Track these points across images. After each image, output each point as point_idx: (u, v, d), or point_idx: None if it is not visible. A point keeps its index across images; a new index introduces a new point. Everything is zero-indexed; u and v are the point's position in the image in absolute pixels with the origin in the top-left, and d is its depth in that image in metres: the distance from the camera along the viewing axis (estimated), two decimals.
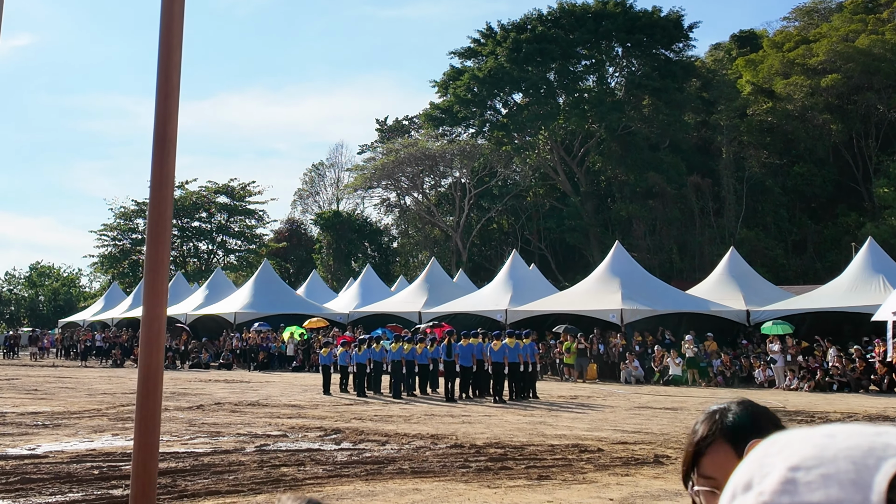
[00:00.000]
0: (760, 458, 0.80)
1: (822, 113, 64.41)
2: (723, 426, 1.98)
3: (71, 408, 23.28)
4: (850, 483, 0.70)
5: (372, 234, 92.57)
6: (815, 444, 0.75)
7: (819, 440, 0.76)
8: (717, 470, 1.92)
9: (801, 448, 0.76)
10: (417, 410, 24.35)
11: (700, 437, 2.00)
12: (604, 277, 42.68)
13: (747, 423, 1.98)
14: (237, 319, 52.12)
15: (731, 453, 1.93)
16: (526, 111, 74.77)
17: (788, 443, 0.78)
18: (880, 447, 0.72)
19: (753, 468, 0.79)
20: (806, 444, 0.76)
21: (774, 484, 0.75)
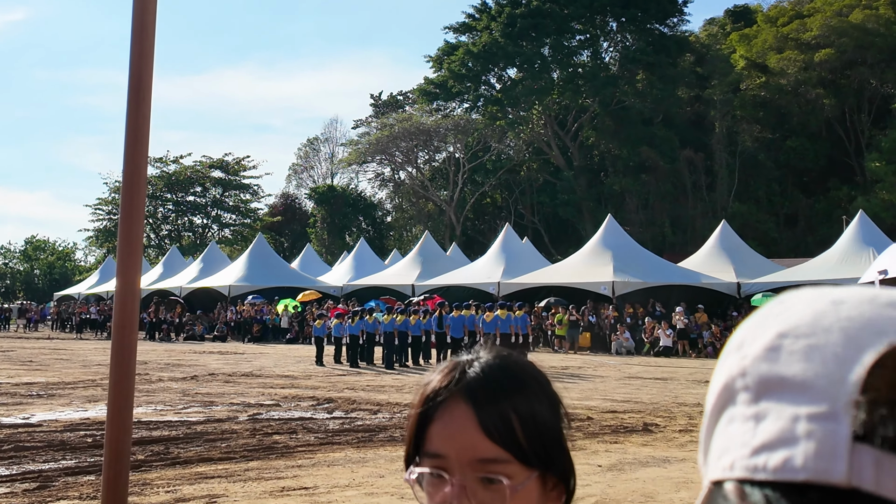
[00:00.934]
0: (762, 319, 0.75)
1: (815, 87, 64.46)
2: (465, 381, 1.40)
3: (65, 378, 23.42)
4: (833, 358, 0.66)
5: (366, 209, 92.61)
6: (817, 311, 0.70)
7: (824, 306, 0.70)
8: (448, 444, 1.38)
9: (801, 313, 0.71)
10: (409, 381, 24.55)
11: (431, 392, 1.42)
12: (596, 250, 42.87)
13: (500, 378, 1.40)
14: (231, 292, 52.26)
15: (470, 420, 1.37)
16: (520, 86, 74.71)
17: (794, 304, 0.73)
18: (882, 322, 0.66)
19: (751, 327, 0.75)
20: (809, 308, 0.71)
21: (759, 349, 0.71)
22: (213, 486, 10.18)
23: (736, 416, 0.73)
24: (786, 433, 0.67)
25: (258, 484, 10.35)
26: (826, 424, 0.64)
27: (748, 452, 0.69)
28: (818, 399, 0.66)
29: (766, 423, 0.69)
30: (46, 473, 10.78)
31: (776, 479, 0.66)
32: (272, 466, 11.44)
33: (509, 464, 1.37)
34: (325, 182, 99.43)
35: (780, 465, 0.66)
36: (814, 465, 0.64)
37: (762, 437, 0.68)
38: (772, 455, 0.67)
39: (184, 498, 9.58)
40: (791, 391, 0.68)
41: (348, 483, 10.43)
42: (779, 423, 0.68)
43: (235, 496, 9.72)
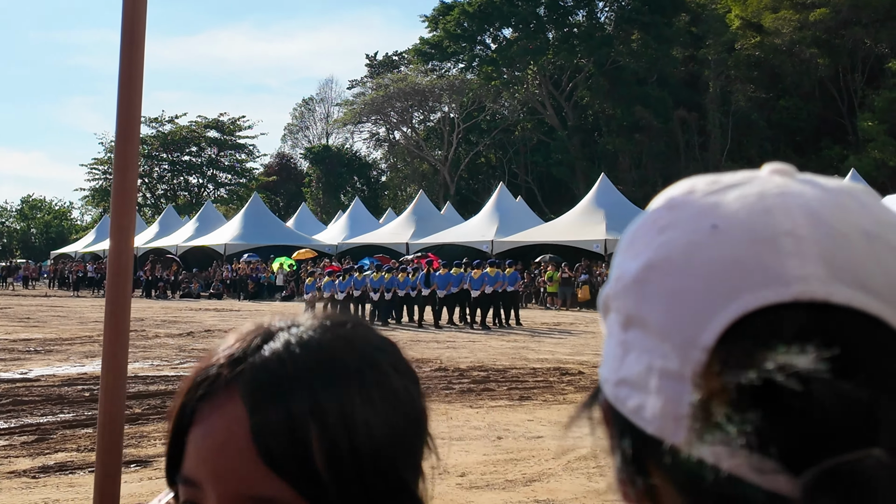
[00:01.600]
0: (648, 228, 0.73)
1: (809, 47, 64.26)
2: (246, 365, 0.90)
3: (63, 335, 23.60)
4: (690, 312, 0.65)
5: (361, 168, 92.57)
6: (693, 241, 0.68)
7: (701, 235, 0.67)
8: (203, 468, 0.88)
9: (677, 240, 0.69)
10: (403, 336, 24.74)
11: (200, 375, 0.92)
12: (589, 209, 43.05)
13: (303, 365, 0.89)
14: (227, 251, 52.44)
15: (241, 432, 0.86)
16: (515, 46, 74.43)
17: (676, 221, 0.71)
18: (749, 268, 0.64)
19: (637, 235, 0.74)
20: (687, 234, 0.68)
21: (630, 278, 0.71)
22: None
23: (612, 333, 0.73)
24: (642, 379, 0.67)
25: None
26: (674, 385, 0.64)
27: (615, 380, 0.70)
28: (670, 355, 0.65)
29: (630, 358, 0.69)
30: (44, 426, 10.96)
31: (630, 419, 0.68)
32: None
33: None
34: (320, 142, 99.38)
35: (635, 409, 0.67)
36: (660, 423, 0.65)
37: (625, 372, 0.69)
38: (630, 395, 0.68)
39: None
40: (651, 335, 0.67)
41: None
42: (638, 365, 0.68)
43: None
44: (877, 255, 0.64)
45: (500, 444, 10.24)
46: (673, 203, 0.73)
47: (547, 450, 9.89)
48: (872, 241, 0.65)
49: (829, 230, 0.65)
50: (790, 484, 0.58)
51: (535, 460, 9.41)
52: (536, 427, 11.24)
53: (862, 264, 0.63)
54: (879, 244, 0.65)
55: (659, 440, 0.65)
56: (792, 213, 0.66)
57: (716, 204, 0.69)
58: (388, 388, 0.93)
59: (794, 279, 0.62)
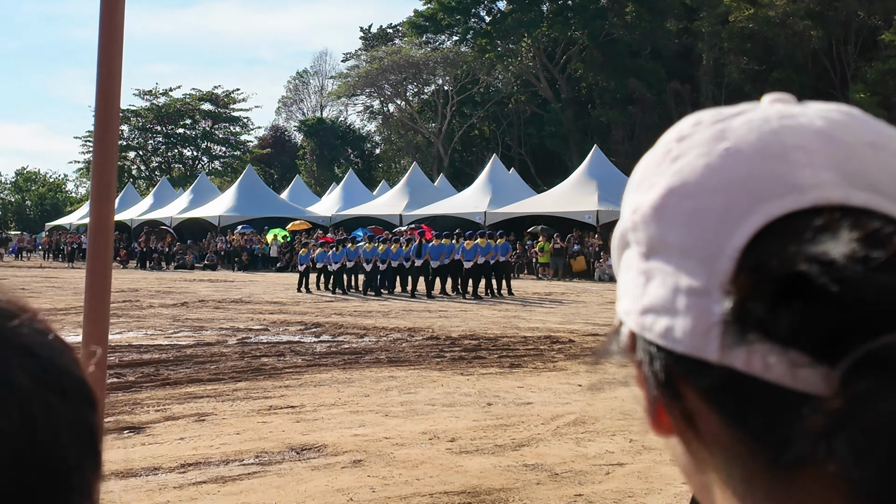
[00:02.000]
0: (661, 158, 0.75)
1: (802, 19, 64.22)
2: None
3: (57, 305, 23.71)
4: (712, 227, 0.67)
5: (355, 141, 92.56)
6: (708, 165, 0.69)
7: (716, 158, 0.69)
8: None
9: (693, 165, 0.70)
10: (396, 306, 24.95)
11: None
12: (581, 180, 43.18)
13: None
14: (221, 222, 52.53)
15: None
16: (509, 18, 74.30)
17: (690, 149, 0.72)
18: (767, 183, 0.66)
19: (650, 167, 0.76)
20: (701, 159, 0.70)
21: (649, 206, 0.72)
22: (202, 405, 10.54)
23: (632, 264, 0.74)
24: (668, 302, 0.68)
25: (246, 403, 10.72)
26: (701, 301, 0.65)
27: (639, 309, 0.71)
28: (696, 272, 0.66)
29: (653, 285, 0.70)
30: None
31: (659, 343, 0.68)
32: (260, 387, 11.80)
33: None
34: (314, 115, 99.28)
35: (663, 332, 0.67)
36: (690, 340, 0.65)
37: (650, 299, 0.70)
38: (657, 320, 0.68)
39: (173, 416, 9.93)
40: (674, 257, 0.68)
41: (334, 402, 10.80)
42: (663, 289, 0.68)
43: (223, 414, 10.08)
44: (883, 161, 0.67)
45: (489, 410, 10.40)
46: (682, 134, 0.74)
47: (537, 416, 10.05)
48: (877, 150, 0.67)
49: (837, 142, 0.67)
50: (827, 378, 0.59)
51: (525, 426, 9.56)
52: (526, 394, 11.39)
53: (870, 171, 0.66)
54: (884, 153, 0.68)
55: (691, 358, 0.65)
56: (799, 130, 0.68)
57: (724, 129, 0.71)
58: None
59: (811, 186, 0.64)
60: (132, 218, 61.67)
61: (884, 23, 60.87)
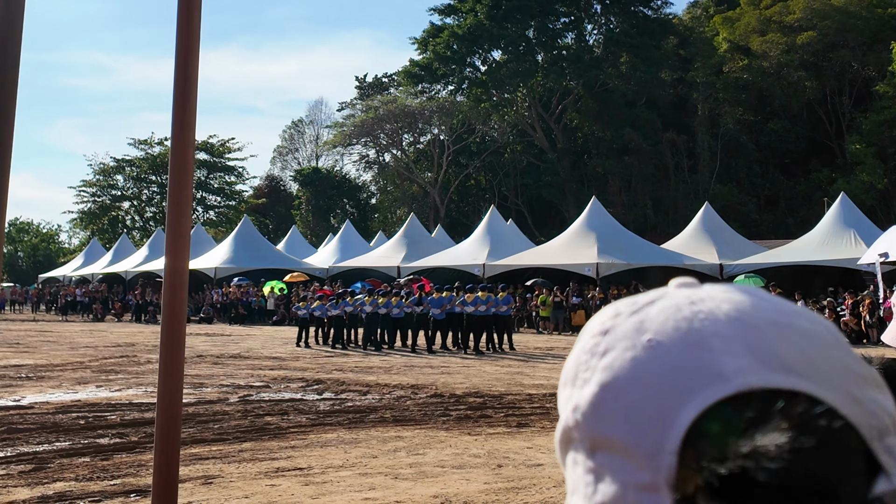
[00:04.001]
0: (588, 353, 0.76)
1: (797, 70, 64.68)
2: None
3: (54, 360, 23.50)
4: (650, 422, 0.68)
5: (351, 191, 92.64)
6: (635, 358, 0.71)
7: (641, 351, 0.71)
8: None
9: (621, 359, 0.72)
10: (397, 362, 24.73)
11: None
12: (580, 232, 43.12)
13: None
14: (217, 274, 52.31)
15: None
16: (505, 68, 74.76)
17: (615, 343, 0.74)
18: (693, 372, 0.68)
19: (581, 363, 0.76)
20: (628, 353, 0.72)
21: (587, 403, 0.73)
22: (209, 467, 10.33)
23: (578, 461, 0.74)
24: (619, 499, 0.68)
25: (252, 465, 10.51)
26: (651, 497, 0.66)
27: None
28: (641, 469, 0.67)
29: (603, 484, 0.70)
30: (41, 455, 10.89)
31: None
32: (265, 447, 11.59)
33: None
34: (309, 164, 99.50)
35: None
36: None
37: (600, 497, 0.70)
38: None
39: (180, 479, 9.69)
40: (618, 454, 0.69)
41: (342, 463, 10.60)
42: (613, 487, 0.69)
43: (231, 476, 9.87)
44: (788, 339, 0.70)
45: (500, 472, 10.21)
46: (605, 327, 0.76)
47: (548, 478, 9.86)
48: (781, 329, 0.71)
49: (746, 325, 0.70)
50: None
51: (537, 488, 9.37)
52: (536, 454, 11.20)
53: (780, 351, 0.69)
54: (788, 331, 0.71)
55: None
56: (710, 316, 0.71)
57: (643, 320, 0.73)
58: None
59: (733, 373, 0.67)
60: (127, 270, 61.45)
61: (878, 74, 61.29)
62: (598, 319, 0.79)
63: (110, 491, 9.17)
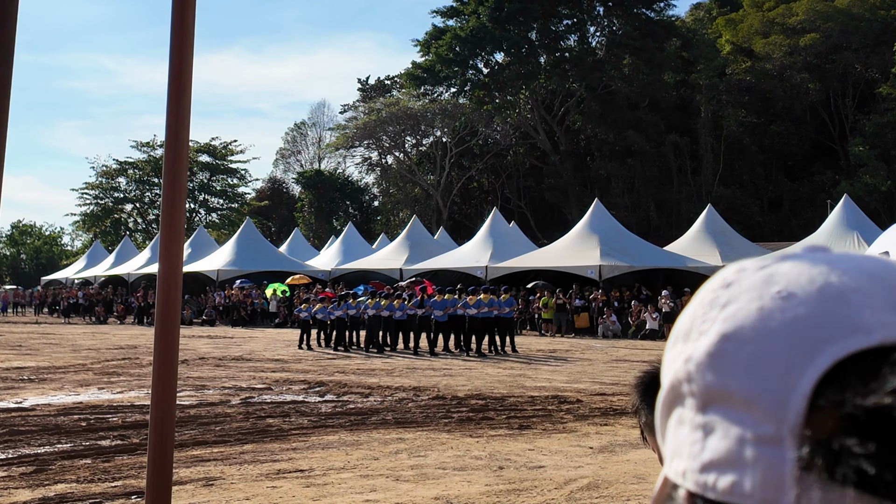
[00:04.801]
0: (707, 307, 0.72)
1: (800, 72, 64.67)
2: None
3: (56, 363, 23.49)
4: (776, 372, 0.63)
5: (353, 193, 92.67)
6: (763, 308, 0.67)
7: (770, 301, 0.67)
8: None
9: (746, 309, 0.68)
10: (399, 364, 24.70)
11: None
12: (583, 234, 43.08)
13: None
14: (220, 277, 52.32)
15: None
16: (507, 70, 74.78)
17: (740, 294, 0.70)
18: (830, 323, 0.64)
19: (697, 316, 0.73)
20: (754, 303, 0.68)
21: (703, 353, 0.68)
22: (210, 469, 10.31)
23: (685, 420, 0.71)
24: (733, 455, 0.65)
25: (254, 466, 10.49)
26: (772, 451, 0.62)
27: (698, 466, 0.67)
28: (763, 421, 0.63)
29: (714, 439, 0.67)
30: (42, 457, 10.88)
31: (725, 501, 0.64)
32: (267, 449, 11.57)
33: None
34: (312, 166, 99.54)
35: (729, 489, 0.64)
36: (761, 494, 0.62)
37: (710, 455, 0.66)
38: (721, 476, 0.65)
39: (181, 480, 9.69)
40: (736, 407, 0.65)
41: (343, 465, 10.58)
42: (726, 441, 0.66)
43: (232, 478, 9.86)
44: None
45: (501, 474, 10.18)
46: (727, 281, 0.73)
47: (550, 479, 9.84)
48: None
49: (886, 285, 0.66)
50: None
51: (538, 490, 9.35)
52: (538, 457, 11.18)
53: None
54: None
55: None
56: (848, 273, 0.67)
57: (772, 274, 0.70)
58: None
59: (875, 327, 0.63)
60: (129, 272, 61.50)
61: (881, 76, 61.25)
62: (719, 275, 0.76)
63: (111, 493, 9.15)
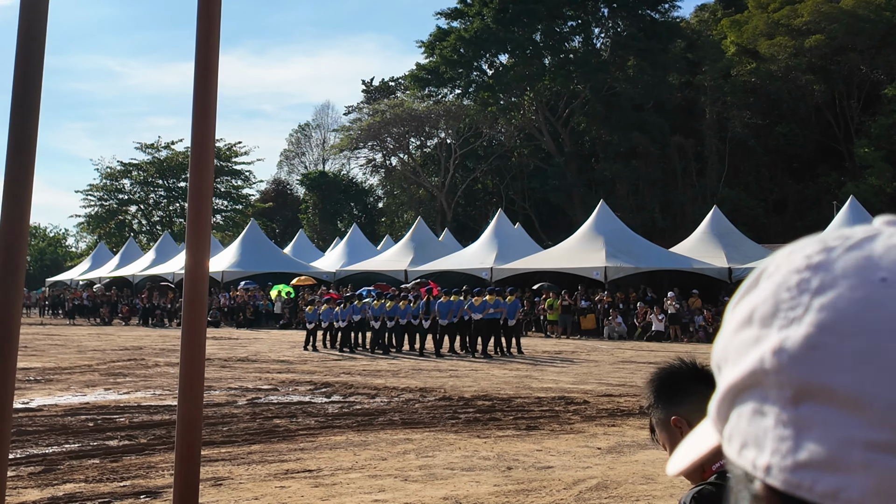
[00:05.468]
0: (795, 289, 0.66)
1: (805, 73, 64.59)
2: None
3: (62, 364, 23.53)
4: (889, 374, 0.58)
5: (358, 195, 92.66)
6: (867, 296, 0.61)
7: (873, 288, 0.61)
8: None
9: (846, 297, 0.62)
10: (405, 365, 24.72)
11: None
12: (588, 236, 43.08)
13: None
14: (224, 278, 52.32)
15: None
16: (511, 72, 74.72)
17: (834, 278, 0.64)
18: None
19: (783, 300, 0.66)
20: (855, 291, 0.62)
21: (798, 344, 0.63)
22: (218, 469, 10.33)
23: (769, 412, 0.65)
24: (838, 457, 0.60)
25: (262, 467, 10.51)
26: (887, 458, 0.57)
27: (790, 465, 0.63)
28: (876, 423, 0.58)
29: (812, 437, 0.62)
30: (51, 457, 10.93)
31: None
32: (274, 450, 11.59)
33: None
34: (316, 168, 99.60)
35: (832, 494, 0.59)
36: (872, 502, 0.57)
37: (808, 454, 0.61)
38: (820, 478, 0.60)
39: None
40: (841, 407, 0.60)
41: (351, 466, 10.59)
42: (828, 442, 0.61)
43: (240, 478, 9.87)
44: None
45: (510, 474, 10.20)
46: (812, 262, 0.66)
47: (558, 480, 9.85)
48: None
49: None
50: None
51: (547, 491, 9.36)
52: (546, 457, 11.18)
53: None
54: None
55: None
56: None
57: (867, 258, 0.64)
58: None
59: None
60: (134, 273, 61.53)
61: (886, 77, 61.17)
62: (799, 253, 0.68)
63: (120, 492, 9.16)
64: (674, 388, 2.84)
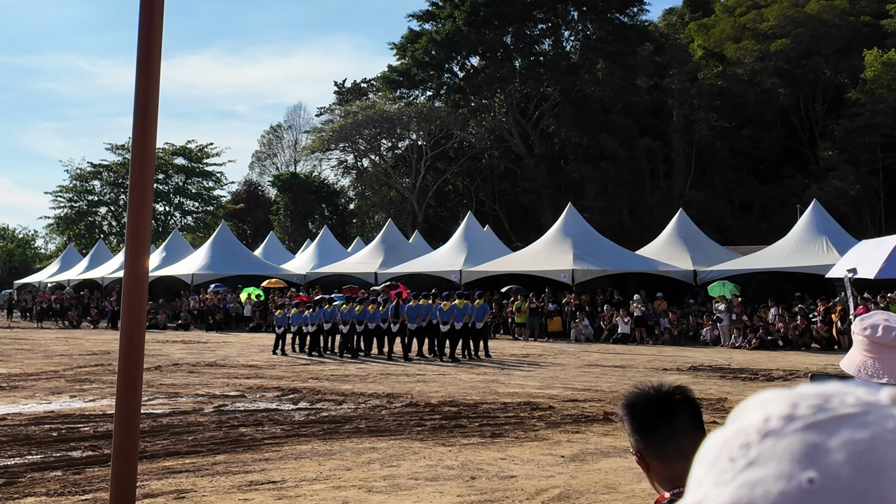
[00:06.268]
0: (737, 450, 0.64)
1: (771, 77, 65.15)
2: None
3: (27, 370, 23.40)
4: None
5: (329, 196, 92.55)
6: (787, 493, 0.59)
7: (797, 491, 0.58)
8: None
9: (770, 485, 0.60)
10: (373, 370, 24.76)
11: None
12: (556, 238, 43.26)
13: None
14: (194, 280, 52.12)
15: None
16: (482, 74, 74.99)
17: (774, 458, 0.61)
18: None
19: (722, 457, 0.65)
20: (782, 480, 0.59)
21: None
22: (181, 481, 10.34)
23: None
24: None
25: (226, 478, 10.52)
26: None
27: None
28: None
29: None
30: (12, 469, 10.83)
31: None
32: (239, 460, 11.61)
33: None
34: (288, 169, 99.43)
35: None
36: None
37: None
38: None
39: (152, 493, 9.71)
40: None
41: (316, 476, 10.64)
42: None
43: (203, 490, 9.89)
44: None
45: (473, 484, 10.26)
46: (768, 429, 0.63)
47: (521, 490, 9.94)
48: None
49: None
50: None
51: (509, 501, 9.44)
52: (510, 466, 11.27)
53: None
54: None
55: None
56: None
57: (816, 447, 0.59)
58: None
59: None
60: (103, 276, 61.14)
61: (850, 81, 61.80)
62: (762, 412, 0.65)
63: None
64: (641, 422, 2.89)
